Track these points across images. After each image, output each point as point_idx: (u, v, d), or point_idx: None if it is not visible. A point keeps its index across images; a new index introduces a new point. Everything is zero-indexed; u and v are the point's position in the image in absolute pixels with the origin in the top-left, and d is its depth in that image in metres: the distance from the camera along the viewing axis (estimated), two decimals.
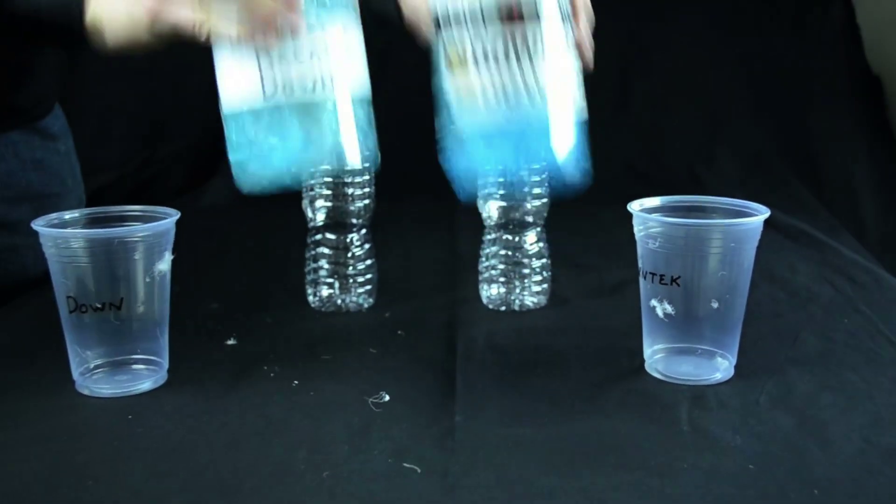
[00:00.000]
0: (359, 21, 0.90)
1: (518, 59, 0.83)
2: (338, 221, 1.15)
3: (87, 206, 1.38)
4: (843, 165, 2.07)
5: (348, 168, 0.87)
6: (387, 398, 0.91)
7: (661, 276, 0.94)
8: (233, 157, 0.87)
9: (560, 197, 0.88)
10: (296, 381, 0.96)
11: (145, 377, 0.96)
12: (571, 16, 0.89)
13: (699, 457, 0.81)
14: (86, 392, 0.94)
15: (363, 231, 1.17)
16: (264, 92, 0.84)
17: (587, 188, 0.89)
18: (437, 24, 0.86)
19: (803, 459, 0.81)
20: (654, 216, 0.96)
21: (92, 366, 0.95)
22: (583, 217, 1.34)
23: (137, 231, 0.93)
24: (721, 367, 0.96)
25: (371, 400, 0.92)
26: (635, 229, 0.97)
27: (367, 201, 1.15)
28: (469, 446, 0.83)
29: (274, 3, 0.83)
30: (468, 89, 0.85)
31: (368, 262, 1.18)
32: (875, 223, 1.98)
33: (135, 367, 0.96)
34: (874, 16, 2.22)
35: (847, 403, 0.91)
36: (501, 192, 1.10)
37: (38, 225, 0.92)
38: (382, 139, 0.95)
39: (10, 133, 1.28)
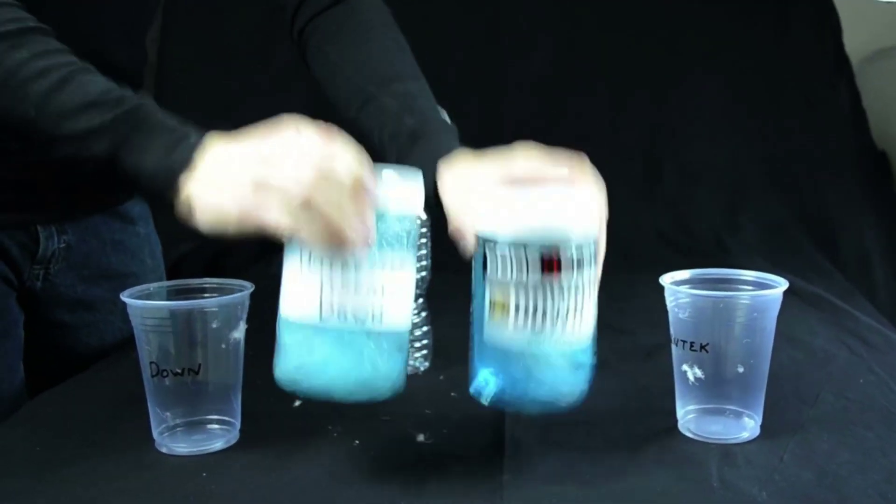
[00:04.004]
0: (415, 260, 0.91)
1: (555, 316, 0.85)
2: None
3: (171, 277, 1.40)
4: (856, 233, 2.08)
5: (375, 399, 0.89)
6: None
7: (691, 343, 0.95)
8: (277, 357, 0.89)
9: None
10: (357, 441, 0.97)
11: (219, 436, 0.97)
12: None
13: None
14: (164, 450, 0.95)
15: (420, 300, 1.19)
16: (321, 313, 0.85)
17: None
18: (483, 261, 0.88)
19: None
20: (684, 289, 0.97)
21: (170, 425, 0.96)
22: (618, 283, 1.34)
23: (215, 303, 0.95)
24: (748, 427, 0.97)
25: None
26: (667, 300, 0.98)
27: (423, 273, 1.17)
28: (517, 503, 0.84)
29: (349, 233, 0.83)
30: (502, 333, 0.86)
31: (425, 328, 1.20)
32: (886, 286, 1.99)
33: (209, 427, 0.97)
34: (878, 99, 2.26)
35: (863, 460, 0.91)
36: None
37: (125, 296, 0.94)
38: (442, 220, 0.97)
39: (92, 216, 1.29)
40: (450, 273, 0.94)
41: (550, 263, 0.84)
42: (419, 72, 1.17)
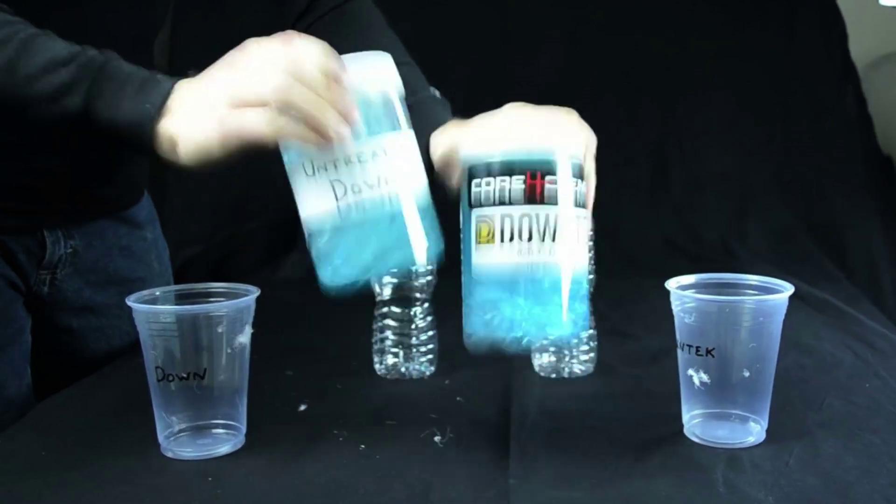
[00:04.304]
0: (411, 129, 0.92)
1: (541, 239, 0.85)
2: (403, 296, 1.17)
3: (175, 281, 1.40)
4: (863, 239, 2.08)
5: (416, 267, 0.89)
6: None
7: (697, 347, 0.95)
8: (316, 266, 0.89)
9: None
10: (363, 445, 0.97)
11: (225, 441, 0.97)
12: (586, 198, 0.91)
13: None
14: (170, 454, 0.95)
15: (426, 304, 1.19)
16: (335, 194, 0.86)
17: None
18: (468, 196, 0.89)
19: None
20: (690, 293, 0.97)
21: (176, 430, 0.96)
22: (625, 289, 1.35)
23: (221, 307, 0.95)
24: (754, 431, 0.97)
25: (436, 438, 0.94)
26: (673, 305, 0.97)
27: (429, 277, 1.17)
28: None
29: (330, 113, 0.85)
30: (489, 263, 0.87)
31: (430, 332, 1.20)
32: (894, 292, 1.98)
33: (215, 431, 0.97)
34: (884, 104, 2.26)
35: (870, 465, 0.91)
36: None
37: (131, 301, 0.94)
38: (446, 222, 0.97)
39: (98, 221, 1.29)
40: (454, 277, 0.94)
41: (534, 193, 0.84)
42: (412, 60, 1.20)
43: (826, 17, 2.29)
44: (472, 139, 0.91)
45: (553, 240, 0.85)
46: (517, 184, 0.85)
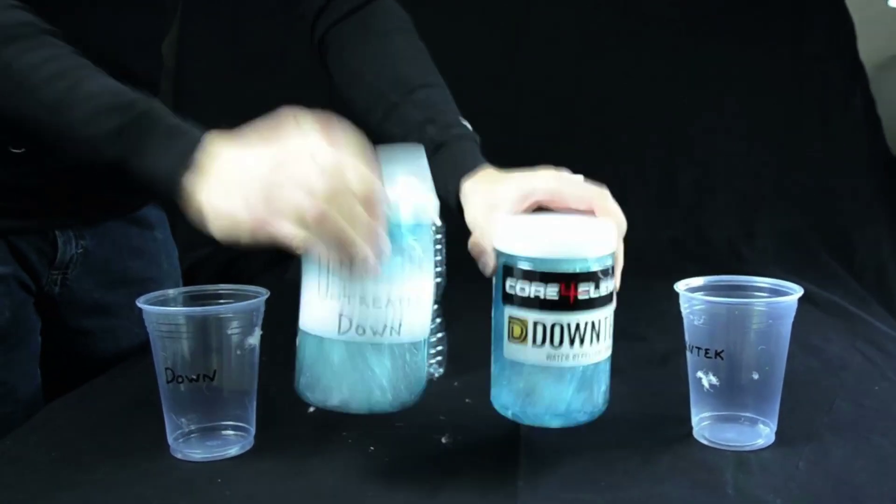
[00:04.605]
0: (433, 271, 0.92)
1: (570, 344, 0.88)
2: None
3: (186, 282, 1.40)
4: (871, 240, 2.07)
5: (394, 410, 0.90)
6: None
7: (706, 350, 0.95)
8: (298, 370, 0.90)
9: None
10: (371, 447, 0.97)
11: (234, 442, 0.97)
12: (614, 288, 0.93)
13: None
14: (179, 456, 0.95)
15: (435, 306, 1.18)
16: (339, 327, 0.86)
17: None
18: (503, 289, 0.90)
19: None
20: (699, 295, 0.97)
21: (185, 431, 0.96)
22: (634, 290, 1.34)
23: (231, 309, 0.95)
24: (763, 434, 0.96)
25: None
26: (682, 307, 0.97)
27: (438, 280, 1.16)
28: None
29: (362, 248, 0.84)
30: (521, 358, 0.90)
31: (439, 334, 1.19)
32: None
33: (224, 433, 0.97)
34: (892, 106, 2.26)
35: (879, 468, 0.91)
36: None
37: (141, 302, 0.94)
38: (456, 226, 0.97)
39: (109, 222, 1.29)
40: (464, 279, 0.94)
41: (568, 286, 0.86)
42: (440, 78, 1.18)
43: (835, 17, 2.29)
44: (505, 232, 0.91)
45: (581, 344, 0.88)
46: (551, 292, 0.87)
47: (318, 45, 1.23)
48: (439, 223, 0.94)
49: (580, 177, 0.99)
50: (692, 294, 0.97)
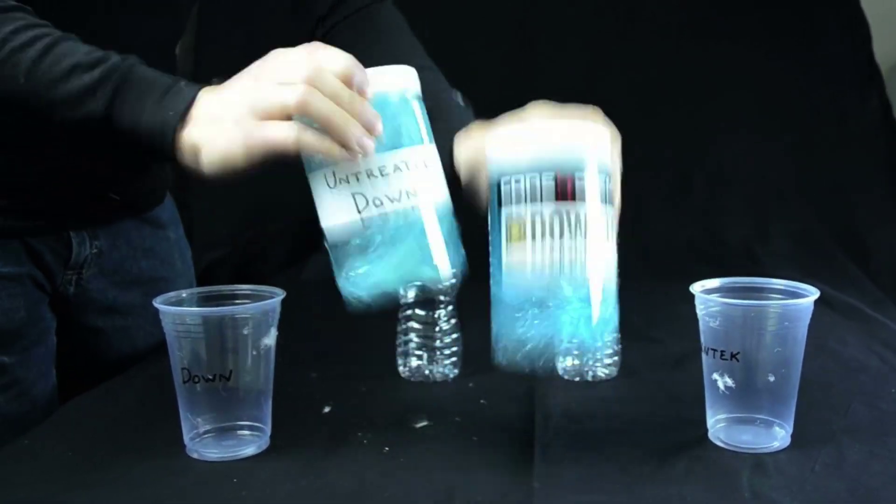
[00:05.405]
0: (433, 142, 0.92)
1: (572, 236, 0.85)
2: (427, 298, 1.17)
3: (200, 283, 1.41)
4: (887, 242, 2.07)
5: (441, 283, 0.89)
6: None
7: (722, 352, 0.95)
8: (337, 270, 0.91)
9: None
10: (386, 448, 0.97)
11: (249, 442, 0.97)
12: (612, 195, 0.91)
13: None
14: (195, 456, 0.96)
15: (450, 307, 1.18)
16: (356, 205, 0.86)
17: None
18: (497, 195, 0.88)
19: None
20: (715, 297, 0.97)
21: (201, 431, 0.97)
22: (648, 292, 1.35)
23: (247, 309, 0.95)
24: (779, 436, 0.96)
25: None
26: (697, 309, 0.97)
27: (453, 280, 1.16)
28: None
29: (352, 125, 0.85)
30: (521, 262, 0.87)
31: (454, 335, 1.19)
32: None
33: (240, 433, 0.98)
34: None
35: (895, 471, 0.90)
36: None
37: (157, 303, 0.95)
38: (470, 225, 0.97)
39: (122, 222, 1.30)
40: (478, 281, 0.94)
41: (564, 190, 0.84)
42: (434, 65, 1.20)
43: (850, 20, 2.28)
44: (499, 138, 0.91)
45: (584, 236, 0.85)
46: (547, 181, 0.85)
47: None
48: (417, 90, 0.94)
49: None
50: (708, 296, 0.97)
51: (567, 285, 0.86)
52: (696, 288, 0.97)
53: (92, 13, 1.06)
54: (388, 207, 0.87)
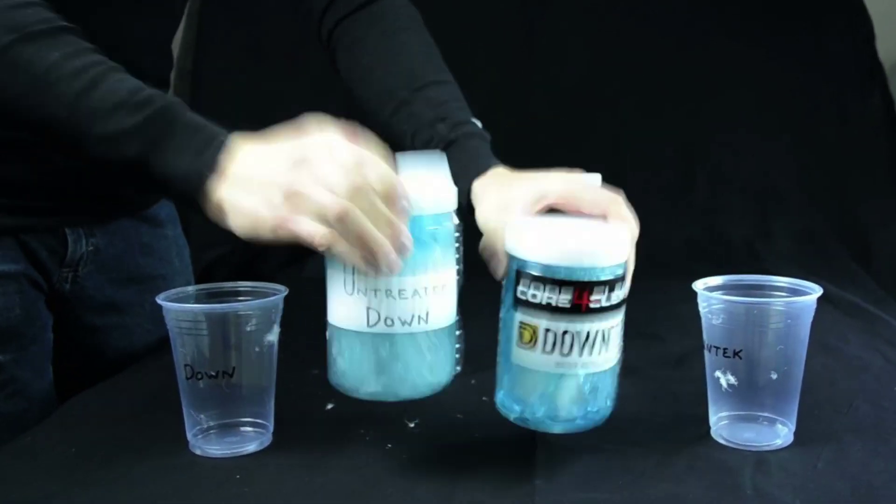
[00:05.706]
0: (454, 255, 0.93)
1: (580, 353, 0.86)
2: None
3: (202, 281, 1.41)
4: (890, 240, 2.07)
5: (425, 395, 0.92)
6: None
7: (724, 349, 0.95)
8: (330, 364, 0.92)
9: None
10: (389, 445, 0.97)
11: (252, 439, 0.97)
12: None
13: None
14: (198, 452, 0.96)
15: None
16: (368, 320, 0.87)
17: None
18: (514, 284, 0.88)
19: None
20: (717, 294, 0.97)
21: (204, 427, 0.97)
22: (649, 290, 1.34)
23: (250, 306, 0.95)
24: (781, 434, 0.96)
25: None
26: (700, 306, 0.97)
27: (456, 278, 1.16)
28: None
29: (384, 246, 0.84)
30: (528, 364, 0.88)
31: (457, 332, 1.19)
32: None
33: (243, 429, 0.98)
34: None
35: None
36: None
37: (160, 299, 0.95)
38: (472, 225, 0.97)
39: (119, 219, 1.29)
40: (481, 278, 0.94)
41: (581, 294, 0.85)
42: (450, 74, 1.18)
43: (853, 17, 2.28)
44: (520, 231, 0.90)
45: (591, 353, 0.87)
46: (564, 299, 0.85)
47: (326, 41, 1.24)
48: (457, 221, 0.94)
49: (598, 176, 0.98)
50: (710, 293, 0.97)
51: (571, 405, 0.88)
52: (699, 285, 0.98)
53: (91, 13, 1.06)
54: (397, 329, 0.87)
